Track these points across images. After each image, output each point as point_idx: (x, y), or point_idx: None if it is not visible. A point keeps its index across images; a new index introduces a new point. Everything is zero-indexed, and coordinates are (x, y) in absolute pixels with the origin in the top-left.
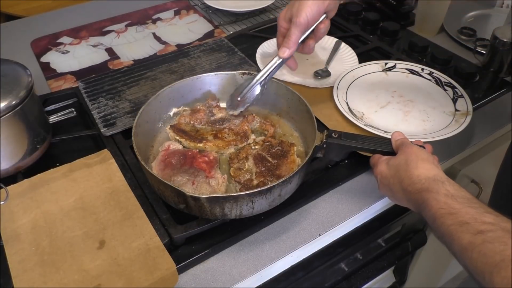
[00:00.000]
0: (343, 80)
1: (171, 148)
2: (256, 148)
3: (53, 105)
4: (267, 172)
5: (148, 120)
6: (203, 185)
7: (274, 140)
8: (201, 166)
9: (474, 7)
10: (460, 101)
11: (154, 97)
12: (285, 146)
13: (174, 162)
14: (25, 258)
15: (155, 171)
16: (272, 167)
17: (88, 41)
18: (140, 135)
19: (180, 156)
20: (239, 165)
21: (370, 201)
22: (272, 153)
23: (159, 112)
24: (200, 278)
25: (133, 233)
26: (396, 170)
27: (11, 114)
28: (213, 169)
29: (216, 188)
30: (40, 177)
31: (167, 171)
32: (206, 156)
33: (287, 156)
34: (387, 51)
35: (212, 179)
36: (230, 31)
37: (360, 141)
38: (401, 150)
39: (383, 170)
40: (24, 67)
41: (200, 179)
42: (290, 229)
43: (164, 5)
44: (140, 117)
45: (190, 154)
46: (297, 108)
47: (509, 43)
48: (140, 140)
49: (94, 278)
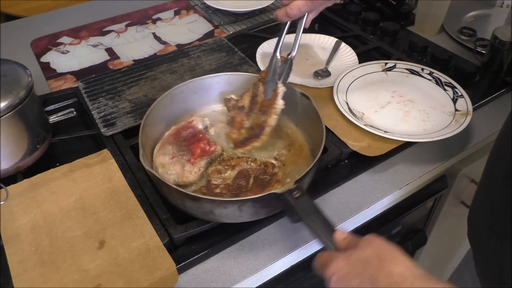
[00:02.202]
0: (343, 80)
1: (193, 123)
2: (250, 165)
3: (53, 105)
4: (234, 190)
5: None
6: (177, 165)
7: (271, 168)
8: (194, 149)
9: (474, 7)
10: (460, 101)
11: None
12: (273, 180)
13: (182, 134)
14: (25, 258)
15: (168, 132)
16: (243, 189)
17: (88, 41)
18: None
19: (190, 133)
20: (222, 168)
21: (370, 201)
22: (258, 179)
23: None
24: (200, 278)
25: (133, 233)
26: (364, 267)
27: (11, 114)
28: (200, 158)
29: (184, 174)
30: (40, 177)
31: (171, 138)
32: (208, 145)
33: (265, 188)
34: (387, 51)
35: (190, 164)
36: (230, 31)
37: (311, 216)
38: (364, 243)
39: (341, 268)
40: (24, 67)
41: (180, 159)
42: (290, 229)
43: (164, 5)
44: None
45: (200, 136)
46: (309, 117)
47: (509, 43)
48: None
49: (94, 278)
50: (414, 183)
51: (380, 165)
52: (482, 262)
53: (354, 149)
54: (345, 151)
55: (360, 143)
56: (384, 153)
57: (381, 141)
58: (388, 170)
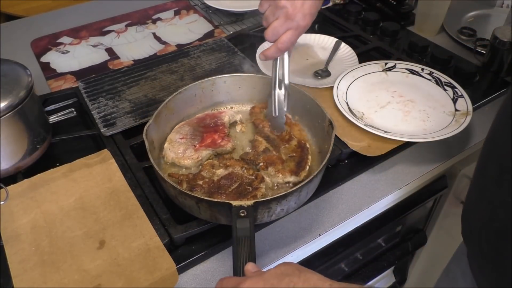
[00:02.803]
0: (343, 80)
1: (222, 114)
2: (243, 172)
3: (53, 105)
4: (213, 188)
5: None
6: (182, 146)
7: (258, 181)
8: (206, 138)
9: (474, 7)
10: (460, 101)
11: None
12: (252, 193)
13: (206, 120)
14: (25, 258)
15: (198, 115)
16: (221, 190)
17: (88, 41)
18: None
19: (213, 122)
20: (216, 164)
21: (370, 201)
22: (242, 186)
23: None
24: (200, 278)
25: (133, 233)
26: (279, 279)
27: (11, 114)
28: (206, 148)
29: (183, 156)
30: (40, 177)
31: (195, 121)
32: (221, 139)
33: (239, 198)
34: (387, 51)
35: (192, 150)
36: (230, 31)
37: (242, 239)
38: (277, 265)
39: (254, 284)
40: (24, 67)
41: (188, 141)
42: (290, 229)
43: (164, 5)
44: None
45: (220, 128)
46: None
47: (509, 43)
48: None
49: (94, 278)
50: (414, 183)
51: (380, 165)
52: (479, 259)
53: (354, 149)
54: (345, 151)
55: (360, 143)
56: (384, 153)
57: (381, 141)
58: (388, 170)
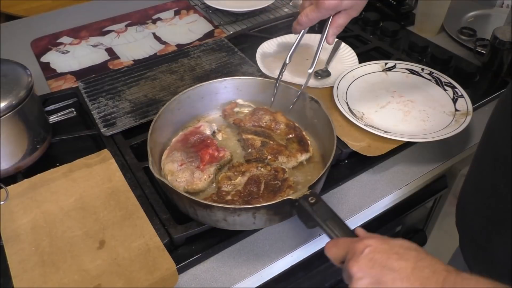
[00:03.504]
0: (343, 80)
1: (201, 129)
2: (261, 171)
3: (53, 105)
4: (246, 197)
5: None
6: (186, 172)
7: (281, 173)
8: (203, 155)
9: (474, 7)
10: (460, 101)
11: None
12: (285, 185)
13: (190, 140)
14: (25, 258)
15: (176, 139)
16: (254, 196)
17: (88, 41)
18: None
19: (198, 139)
20: (232, 175)
21: (370, 201)
22: (269, 184)
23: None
24: (200, 278)
25: (133, 233)
26: (405, 250)
27: (11, 114)
28: (209, 165)
29: (194, 181)
30: (40, 177)
31: (179, 144)
32: (217, 151)
33: (277, 195)
34: (387, 51)
35: (199, 171)
36: (230, 31)
37: (329, 222)
38: (399, 239)
39: (378, 244)
40: (24, 67)
41: (189, 165)
42: (290, 229)
43: (164, 5)
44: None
45: (208, 142)
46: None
47: (509, 43)
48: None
49: (94, 278)
50: (414, 183)
51: (380, 165)
52: (471, 248)
53: (354, 149)
54: (345, 151)
55: (360, 143)
56: (384, 153)
57: (381, 141)
58: (388, 170)
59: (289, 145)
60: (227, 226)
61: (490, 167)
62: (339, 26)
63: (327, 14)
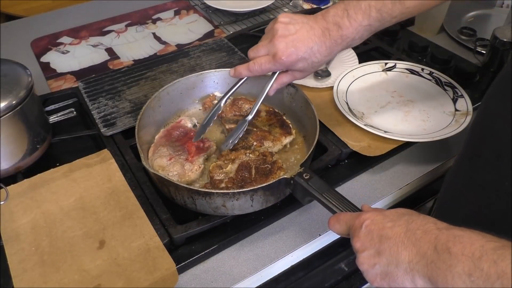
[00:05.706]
0: (343, 80)
1: (182, 123)
2: (249, 157)
3: (53, 105)
4: (239, 182)
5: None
6: (176, 165)
7: (270, 157)
8: (190, 148)
9: (474, 7)
10: (460, 101)
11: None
12: (275, 167)
13: (173, 134)
14: (25, 258)
15: (159, 135)
16: (247, 180)
17: (88, 41)
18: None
19: (181, 133)
20: (222, 163)
21: (370, 201)
22: (260, 168)
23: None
24: (200, 278)
25: (133, 233)
26: (398, 216)
27: (11, 114)
28: (197, 156)
29: (186, 173)
30: (40, 177)
31: (163, 140)
32: (202, 142)
33: (269, 177)
34: (387, 51)
35: (189, 163)
36: (230, 31)
37: (328, 195)
38: (396, 209)
39: (375, 216)
40: (24, 67)
41: (178, 159)
42: (290, 229)
43: (164, 5)
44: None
45: (192, 134)
46: (303, 112)
47: (509, 43)
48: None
49: (94, 278)
50: (414, 183)
51: (380, 165)
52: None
53: (354, 149)
54: (345, 151)
55: (360, 143)
56: (384, 153)
57: (381, 141)
58: (388, 170)
59: (272, 130)
60: (225, 211)
61: (490, 163)
62: (282, 83)
63: (280, 69)
